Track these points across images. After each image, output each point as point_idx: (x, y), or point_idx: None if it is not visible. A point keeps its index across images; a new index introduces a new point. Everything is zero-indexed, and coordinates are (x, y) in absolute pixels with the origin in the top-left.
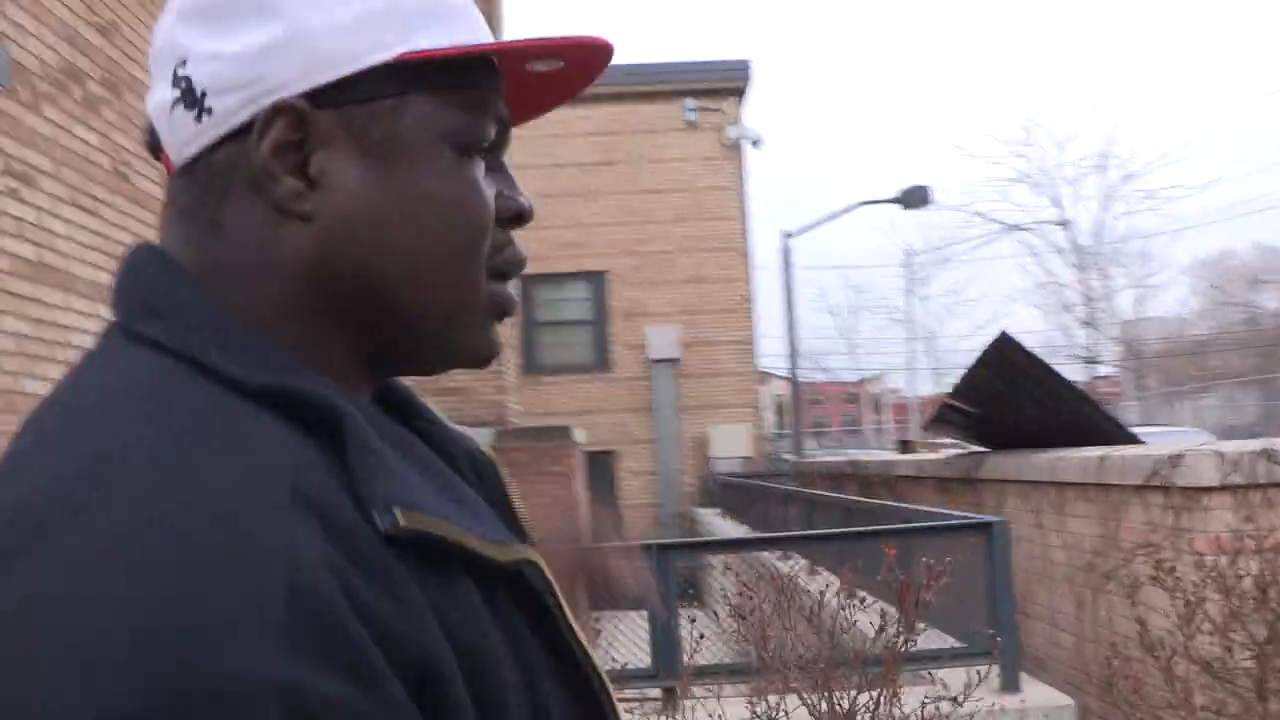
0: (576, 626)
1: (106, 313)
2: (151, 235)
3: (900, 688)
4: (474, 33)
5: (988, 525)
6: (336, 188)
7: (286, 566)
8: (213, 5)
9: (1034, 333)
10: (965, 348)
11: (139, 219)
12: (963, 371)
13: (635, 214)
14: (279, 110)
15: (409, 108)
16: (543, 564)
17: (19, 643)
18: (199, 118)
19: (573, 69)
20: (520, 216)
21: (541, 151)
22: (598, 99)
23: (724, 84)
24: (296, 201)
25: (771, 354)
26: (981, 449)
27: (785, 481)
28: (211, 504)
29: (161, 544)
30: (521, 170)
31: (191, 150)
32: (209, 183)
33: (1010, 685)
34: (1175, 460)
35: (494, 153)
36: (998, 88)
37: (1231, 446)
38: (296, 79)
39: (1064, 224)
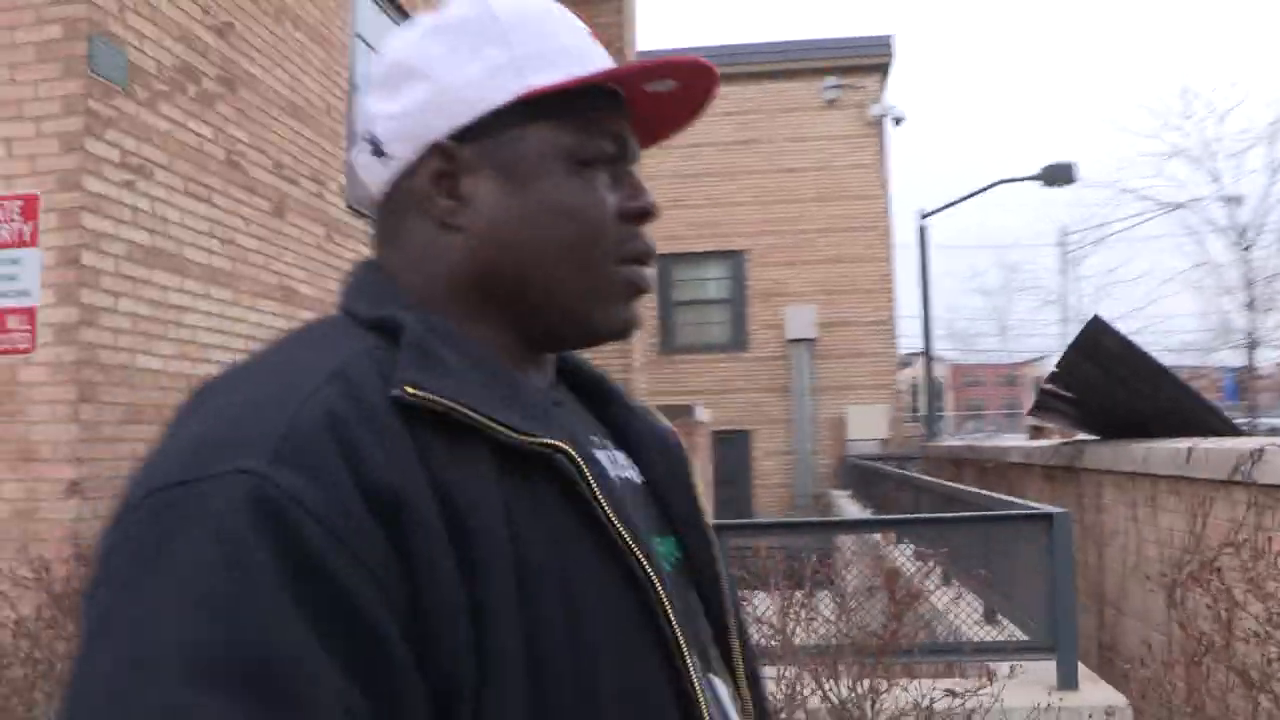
0: (616, 516)
1: (217, 293)
2: (262, 219)
3: (938, 679)
4: (583, 67)
5: (1048, 516)
6: (480, 204)
7: (296, 410)
8: (383, 77)
9: (1190, 316)
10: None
11: (250, 205)
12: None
13: (775, 193)
14: (433, 149)
15: (530, 135)
16: (576, 456)
17: (154, 448)
18: (383, 163)
19: (693, 88)
20: (643, 214)
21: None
22: (737, 78)
23: (865, 60)
24: (451, 216)
25: (915, 335)
26: (1087, 437)
27: (913, 465)
28: (279, 381)
29: (236, 401)
30: (663, 151)
31: (381, 188)
32: (392, 209)
33: (1068, 682)
34: (1257, 455)
35: (619, 163)
36: (1153, 58)
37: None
38: (443, 123)
39: (1234, 199)
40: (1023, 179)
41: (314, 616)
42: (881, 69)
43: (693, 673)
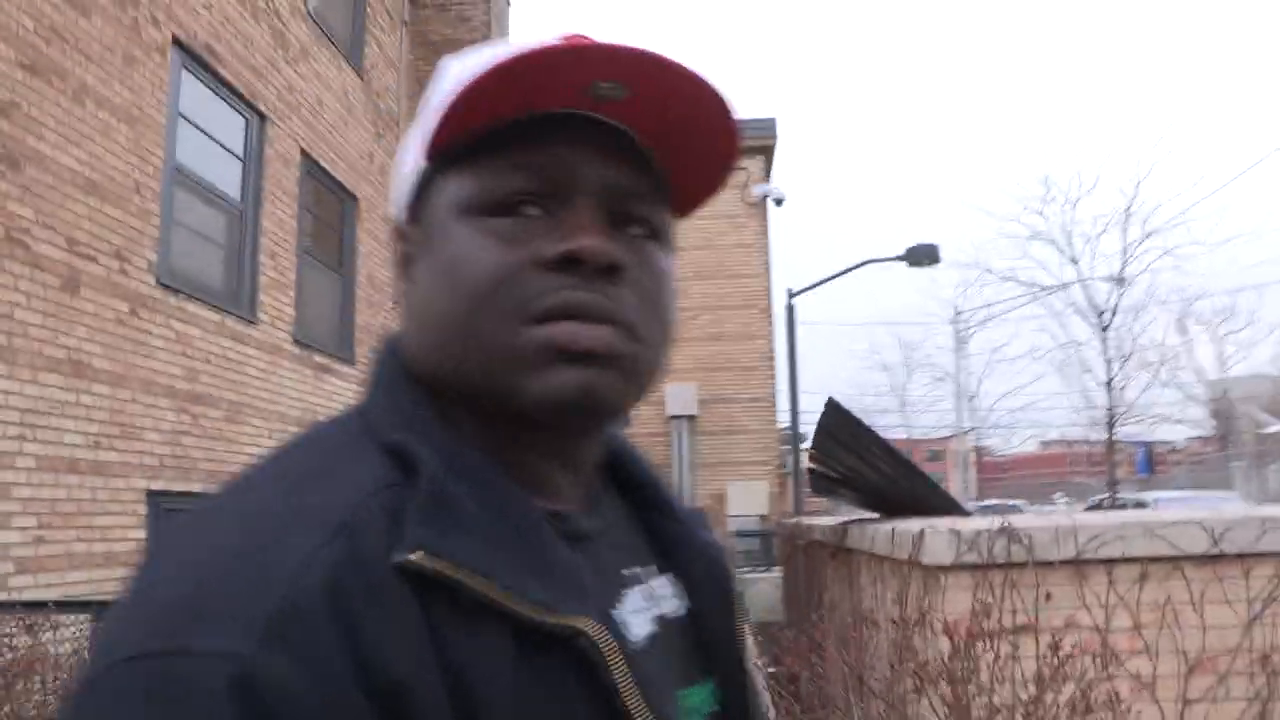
0: (636, 706)
1: None
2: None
3: None
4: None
5: None
6: (414, 283)
7: (292, 581)
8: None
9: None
10: (1004, 406)
11: (33, 279)
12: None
13: (716, 270)
14: (393, 232)
15: (435, 196)
16: (601, 640)
17: (128, 597)
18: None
19: (702, 115)
20: (564, 260)
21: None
22: None
23: (750, 142)
24: (404, 299)
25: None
26: (866, 515)
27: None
28: (277, 528)
29: (223, 552)
30: None
31: None
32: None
33: None
34: (918, 538)
35: (559, 200)
36: (1014, 144)
37: (975, 523)
38: (400, 205)
39: (1120, 280)
40: (889, 259)
41: None
42: (765, 151)
43: None
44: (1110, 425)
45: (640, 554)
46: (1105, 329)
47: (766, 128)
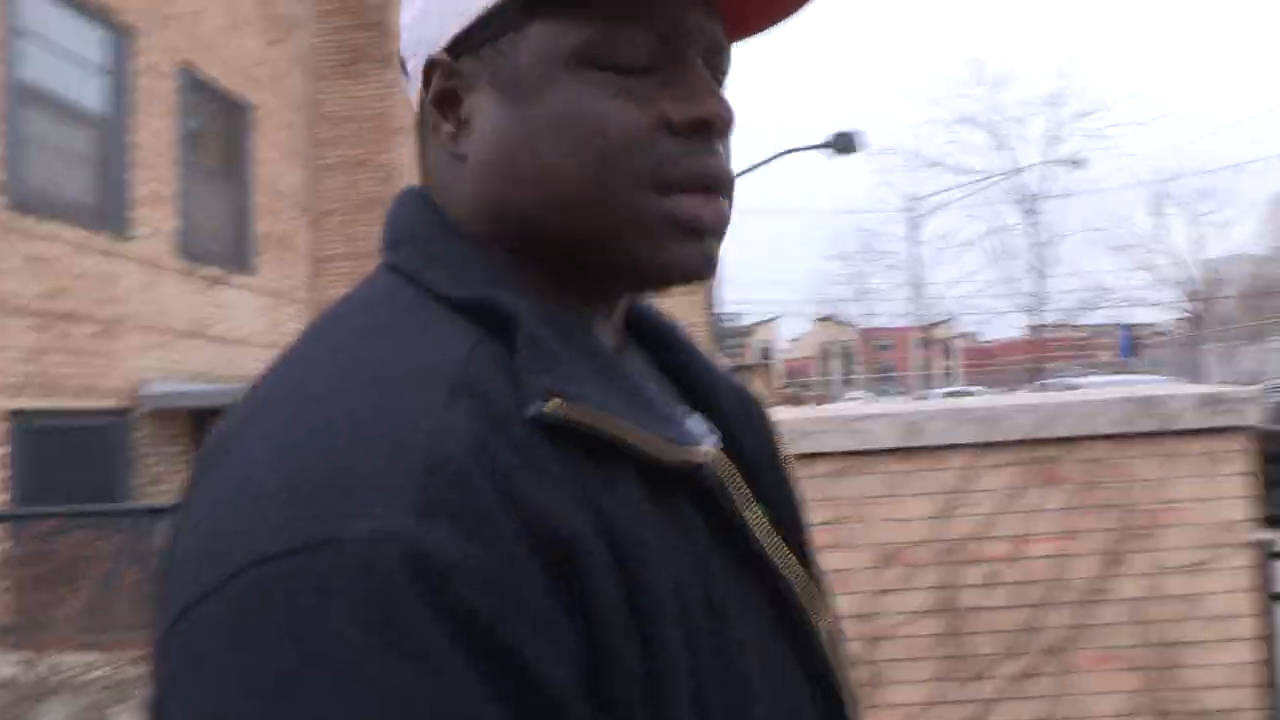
0: (761, 531)
1: None
2: None
3: None
4: None
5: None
6: (477, 127)
7: (429, 443)
8: None
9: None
10: (957, 293)
11: None
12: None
13: None
14: (431, 64)
15: (529, 37)
16: (720, 468)
17: (231, 492)
18: (407, 81)
19: None
20: (697, 124)
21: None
22: None
23: None
24: (453, 144)
25: (798, 300)
26: None
27: None
28: (382, 394)
29: (333, 426)
30: None
31: (415, 109)
32: (418, 132)
33: None
34: None
35: (674, 60)
36: (943, 28)
37: None
38: (438, 35)
39: (1078, 163)
40: (811, 148)
41: (501, 698)
42: None
43: (829, 657)
44: (1034, 311)
45: (670, 394)
46: (1030, 213)
47: None
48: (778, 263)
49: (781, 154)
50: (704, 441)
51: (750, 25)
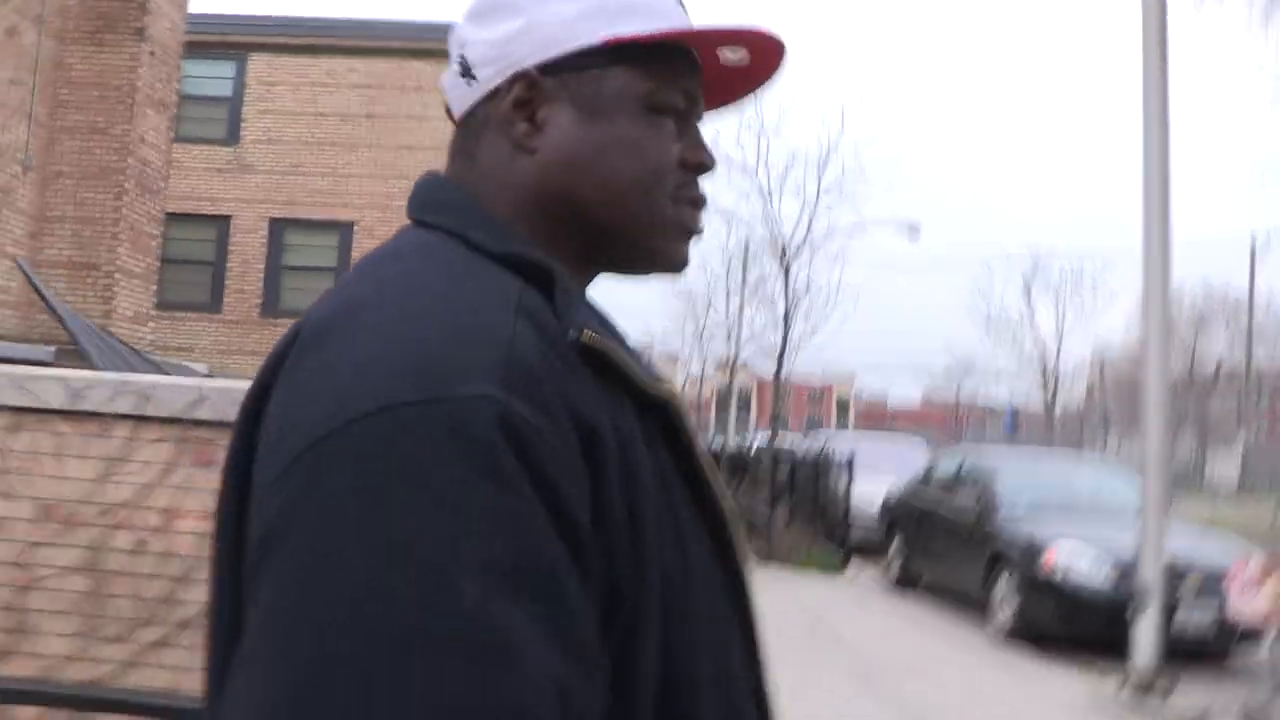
0: (706, 462)
1: None
2: None
3: None
4: (668, 24)
5: None
6: (554, 131)
7: (509, 342)
8: (480, 7)
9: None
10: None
11: None
12: None
13: (391, 168)
14: (518, 77)
15: (611, 76)
16: (682, 405)
17: (345, 364)
18: (469, 84)
19: (761, 63)
20: (701, 166)
21: (308, 99)
22: (368, 52)
23: None
24: (527, 139)
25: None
26: None
27: None
28: (464, 305)
29: (431, 322)
30: (289, 116)
31: (464, 107)
32: (472, 130)
33: None
34: None
35: (685, 118)
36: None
37: None
38: (531, 55)
39: (913, 229)
40: None
41: (561, 533)
42: None
43: (746, 580)
44: (780, 361)
45: None
46: (786, 268)
47: None
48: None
49: None
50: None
51: (717, 102)
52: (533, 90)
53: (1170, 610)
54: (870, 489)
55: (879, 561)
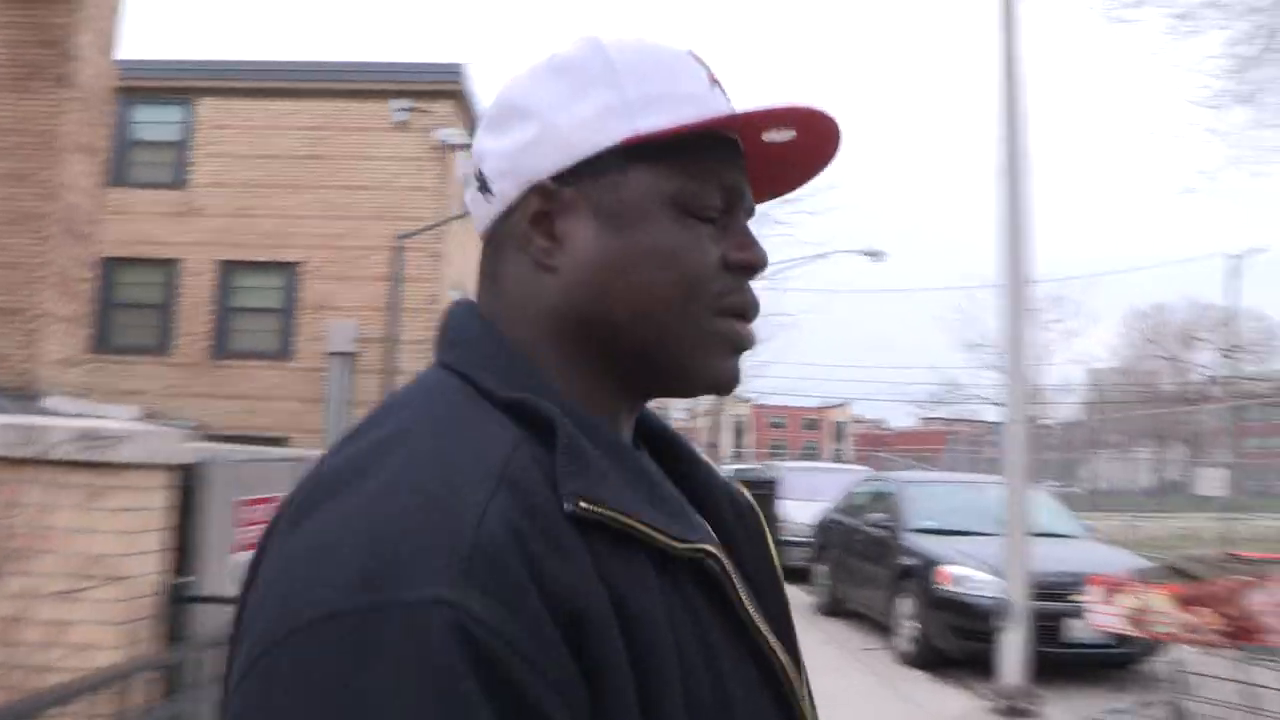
0: (756, 614)
1: None
2: None
3: None
4: (696, 113)
5: None
6: (576, 246)
7: (477, 527)
8: (494, 116)
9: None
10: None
11: None
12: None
13: (336, 209)
14: (534, 189)
15: (633, 179)
16: (724, 559)
17: (305, 554)
18: (488, 200)
19: (815, 139)
20: (749, 267)
21: (257, 141)
22: (312, 94)
23: (436, 86)
24: (547, 257)
25: None
26: None
27: None
28: (439, 481)
29: (397, 505)
30: (237, 159)
31: (485, 224)
32: (494, 249)
33: None
34: None
35: (729, 213)
36: None
37: None
38: (546, 164)
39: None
40: None
41: None
42: (452, 95)
43: None
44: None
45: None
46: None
47: (453, 72)
48: None
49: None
50: (708, 531)
51: (775, 190)
52: (550, 202)
53: (1053, 623)
54: (802, 515)
55: (807, 587)
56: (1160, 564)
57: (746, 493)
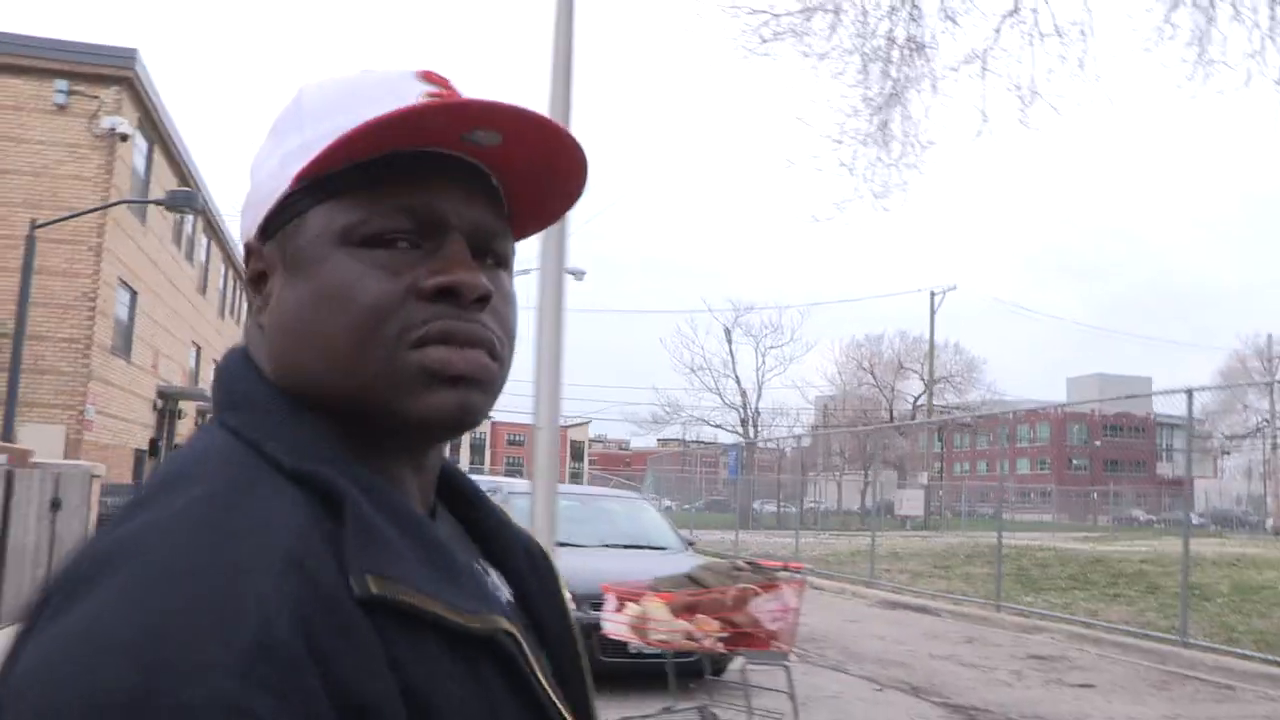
0: (552, 688)
1: None
2: None
3: None
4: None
5: None
6: (273, 301)
7: (261, 621)
8: None
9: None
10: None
11: None
12: None
13: None
14: (245, 250)
15: (311, 221)
16: (519, 635)
17: (72, 641)
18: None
19: (551, 160)
20: (444, 291)
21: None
22: None
23: (103, 70)
24: (259, 315)
25: None
26: None
27: None
28: (225, 564)
29: (173, 595)
30: None
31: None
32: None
33: None
34: None
35: (427, 236)
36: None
37: None
38: (251, 225)
39: (575, 274)
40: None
41: None
42: (121, 81)
43: None
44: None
45: (471, 551)
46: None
47: (124, 57)
48: None
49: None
50: (502, 603)
51: (537, 219)
52: (259, 261)
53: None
54: None
55: None
56: (674, 574)
57: (538, 540)
